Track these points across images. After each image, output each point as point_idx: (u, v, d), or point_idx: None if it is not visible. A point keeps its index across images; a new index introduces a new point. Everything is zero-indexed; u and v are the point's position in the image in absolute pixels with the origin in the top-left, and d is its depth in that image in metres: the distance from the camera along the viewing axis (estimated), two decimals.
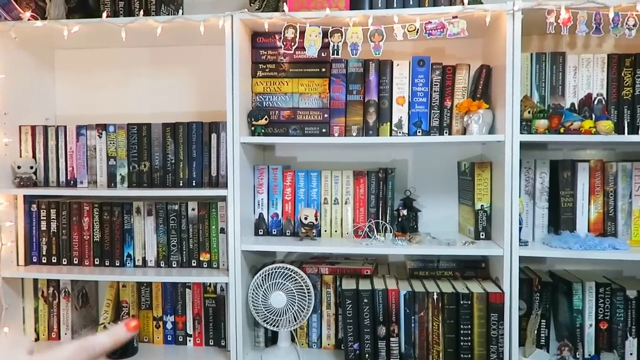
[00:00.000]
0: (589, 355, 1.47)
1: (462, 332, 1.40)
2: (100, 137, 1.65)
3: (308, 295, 1.50)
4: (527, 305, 1.50)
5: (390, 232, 1.57)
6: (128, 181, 1.63)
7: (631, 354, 1.47)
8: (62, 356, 0.42)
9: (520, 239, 1.40)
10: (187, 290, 1.68)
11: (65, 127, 1.66)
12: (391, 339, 1.43)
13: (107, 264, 1.64)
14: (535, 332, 1.46)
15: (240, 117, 1.48)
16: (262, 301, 1.51)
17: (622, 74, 1.49)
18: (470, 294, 1.40)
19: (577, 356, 1.47)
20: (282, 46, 1.47)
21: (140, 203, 1.64)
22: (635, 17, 1.35)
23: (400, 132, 1.54)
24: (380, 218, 1.59)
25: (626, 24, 1.36)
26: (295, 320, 1.51)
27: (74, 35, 1.55)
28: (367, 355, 1.43)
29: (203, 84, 1.81)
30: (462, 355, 1.40)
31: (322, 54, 1.51)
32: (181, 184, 1.61)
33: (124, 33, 1.50)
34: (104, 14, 1.51)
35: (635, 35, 1.36)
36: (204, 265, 1.61)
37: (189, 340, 1.69)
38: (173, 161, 1.61)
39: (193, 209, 1.61)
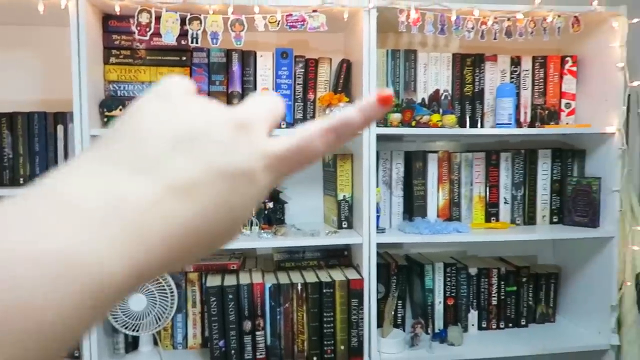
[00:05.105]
0: (438, 329, 1.61)
1: (325, 319, 1.44)
2: None
3: (170, 295, 1.43)
4: (385, 289, 1.59)
5: (256, 225, 1.56)
6: None
7: (473, 324, 1.64)
8: (303, 136, 0.29)
9: (378, 227, 1.48)
10: None
11: None
12: (257, 333, 1.42)
13: None
14: (393, 313, 1.56)
15: (89, 107, 1.35)
16: (119, 306, 1.41)
17: (464, 73, 1.63)
18: (332, 282, 1.45)
19: (428, 332, 1.60)
20: (136, 32, 1.37)
21: None
22: (473, 20, 1.48)
23: None
24: None
25: (465, 26, 1.49)
26: (157, 323, 1.43)
27: None
28: (232, 351, 1.41)
29: (48, 69, 1.62)
30: (325, 342, 1.44)
31: (182, 42, 1.44)
32: (22, 182, 1.43)
33: None
34: None
35: (474, 37, 1.50)
36: None
37: None
38: (11, 156, 1.43)
39: None
